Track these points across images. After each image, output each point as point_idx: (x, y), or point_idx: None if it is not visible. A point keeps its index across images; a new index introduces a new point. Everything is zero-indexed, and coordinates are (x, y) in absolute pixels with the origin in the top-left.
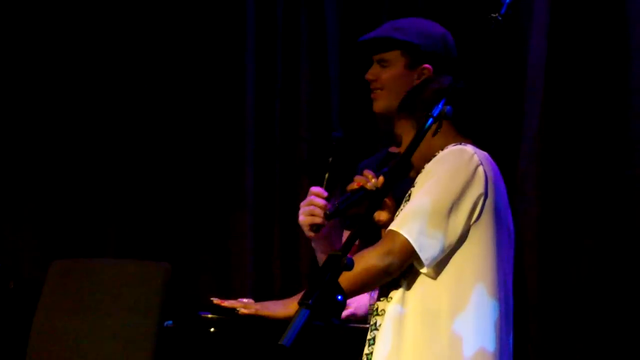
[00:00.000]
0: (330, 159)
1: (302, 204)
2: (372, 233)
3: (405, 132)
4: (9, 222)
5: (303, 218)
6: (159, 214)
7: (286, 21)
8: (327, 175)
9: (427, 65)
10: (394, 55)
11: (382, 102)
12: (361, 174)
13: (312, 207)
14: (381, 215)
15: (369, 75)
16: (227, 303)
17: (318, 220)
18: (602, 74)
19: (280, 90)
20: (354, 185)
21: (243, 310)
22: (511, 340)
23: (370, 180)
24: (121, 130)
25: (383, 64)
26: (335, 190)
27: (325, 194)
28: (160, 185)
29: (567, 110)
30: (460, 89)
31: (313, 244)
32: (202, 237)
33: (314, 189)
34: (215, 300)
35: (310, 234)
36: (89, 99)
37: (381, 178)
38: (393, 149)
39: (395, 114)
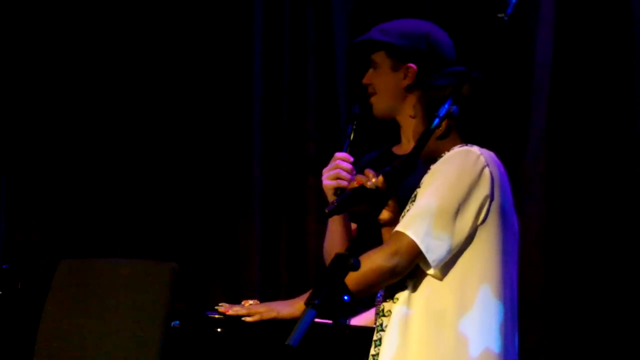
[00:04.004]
0: (354, 126)
1: (325, 169)
2: (374, 232)
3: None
4: (16, 222)
5: (328, 182)
6: (166, 214)
7: (293, 18)
8: (349, 141)
9: (411, 65)
10: (380, 57)
11: (377, 107)
12: (363, 170)
13: (338, 170)
14: (382, 214)
15: (364, 80)
16: (232, 311)
17: (344, 183)
18: (609, 72)
19: (287, 88)
20: (354, 184)
21: (248, 319)
22: (517, 341)
23: (371, 180)
24: (129, 130)
25: (373, 65)
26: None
27: (351, 158)
28: (167, 186)
29: (573, 108)
30: (469, 89)
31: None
32: (209, 236)
33: (339, 154)
34: (221, 309)
35: (334, 198)
36: (97, 100)
37: (381, 177)
38: (396, 149)
39: (394, 116)
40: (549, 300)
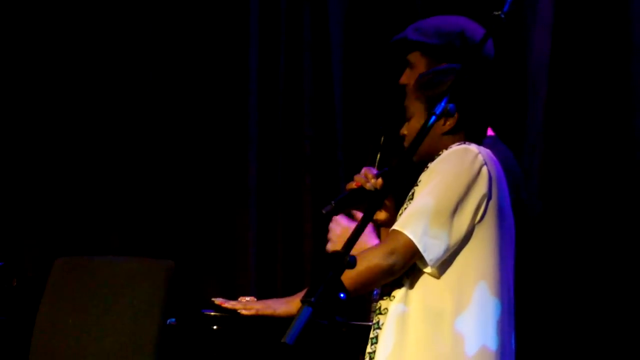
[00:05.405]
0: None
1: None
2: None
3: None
4: (12, 219)
5: None
6: (162, 211)
7: (289, 18)
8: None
9: None
10: (415, 57)
11: None
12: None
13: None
14: (380, 214)
15: (400, 81)
16: (228, 305)
17: None
18: (606, 70)
19: (283, 87)
20: (352, 185)
21: (244, 312)
22: (513, 340)
23: (370, 181)
24: (124, 127)
25: (410, 66)
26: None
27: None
28: (163, 183)
29: (570, 106)
30: (466, 87)
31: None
32: (205, 234)
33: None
34: (217, 301)
35: None
36: (92, 98)
37: (380, 180)
38: None
39: None
40: (546, 299)
